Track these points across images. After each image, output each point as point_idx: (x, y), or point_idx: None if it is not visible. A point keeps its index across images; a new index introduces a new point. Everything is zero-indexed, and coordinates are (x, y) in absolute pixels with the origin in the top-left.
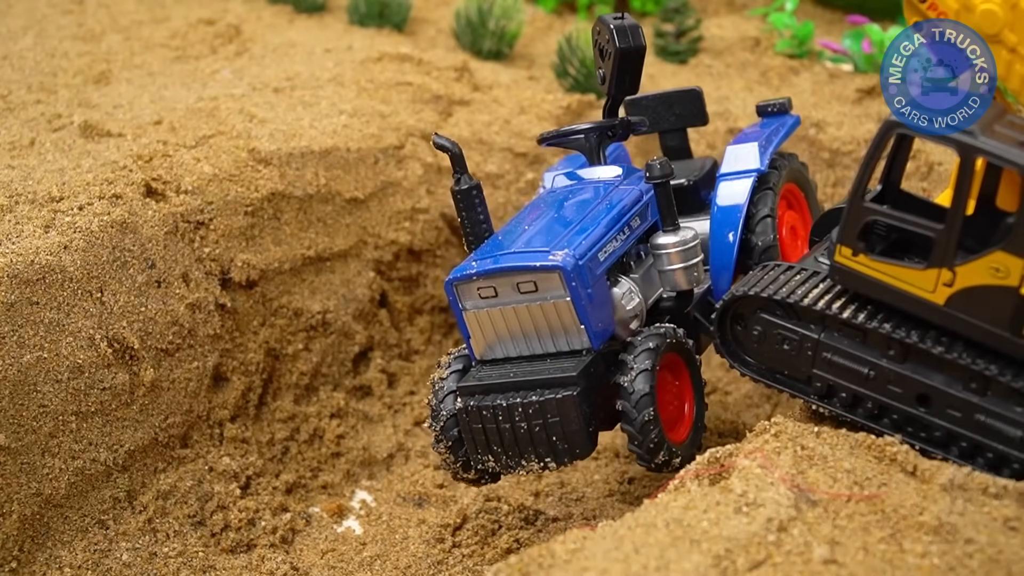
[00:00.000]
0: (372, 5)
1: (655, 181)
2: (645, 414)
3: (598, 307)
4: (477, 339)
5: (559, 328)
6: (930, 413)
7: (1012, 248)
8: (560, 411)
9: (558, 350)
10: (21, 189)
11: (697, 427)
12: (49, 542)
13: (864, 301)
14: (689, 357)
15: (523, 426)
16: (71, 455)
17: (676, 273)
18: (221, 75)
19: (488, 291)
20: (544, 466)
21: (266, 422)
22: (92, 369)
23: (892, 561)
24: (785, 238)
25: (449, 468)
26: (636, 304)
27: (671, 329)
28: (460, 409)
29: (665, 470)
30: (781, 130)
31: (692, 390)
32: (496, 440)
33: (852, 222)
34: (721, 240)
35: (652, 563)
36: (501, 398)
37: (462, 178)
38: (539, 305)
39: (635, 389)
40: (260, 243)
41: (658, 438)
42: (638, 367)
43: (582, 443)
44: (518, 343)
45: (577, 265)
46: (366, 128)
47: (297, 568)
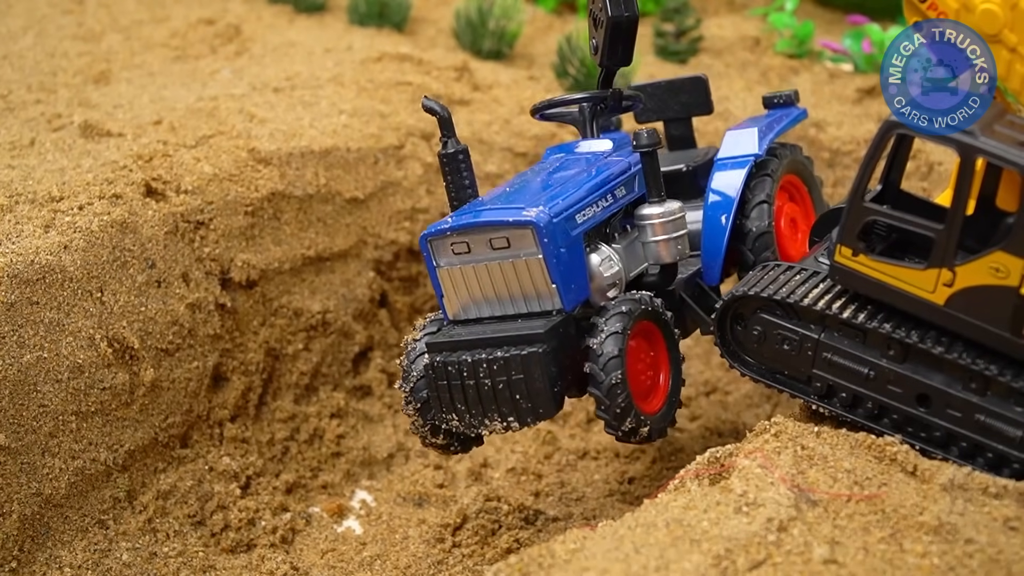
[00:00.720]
0: (372, 5)
1: (642, 150)
2: (612, 377)
3: (571, 268)
4: (450, 298)
5: (530, 287)
6: (930, 413)
7: (1012, 248)
8: (524, 368)
9: (530, 311)
10: (21, 189)
11: (672, 400)
12: (49, 542)
13: (864, 301)
14: (666, 328)
15: (487, 383)
16: (71, 455)
17: (659, 245)
18: (221, 75)
19: (461, 247)
20: (507, 426)
21: (266, 422)
22: (92, 369)
23: (892, 561)
24: (784, 229)
25: (418, 432)
26: (615, 272)
27: (647, 296)
28: (427, 365)
29: (633, 439)
30: (784, 120)
31: (668, 362)
32: (460, 398)
33: (852, 222)
34: (714, 223)
35: (652, 563)
36: (467, 354)
37: (449, 142)
38: (511, 262)
39: (603, 352)
40: (260, 243)
41: (625, 403)
42: (608, 330)
43: (546, 403)
44: (491, 303)
45: (551, 222)
46: (366, 128)
47: (297, 568)
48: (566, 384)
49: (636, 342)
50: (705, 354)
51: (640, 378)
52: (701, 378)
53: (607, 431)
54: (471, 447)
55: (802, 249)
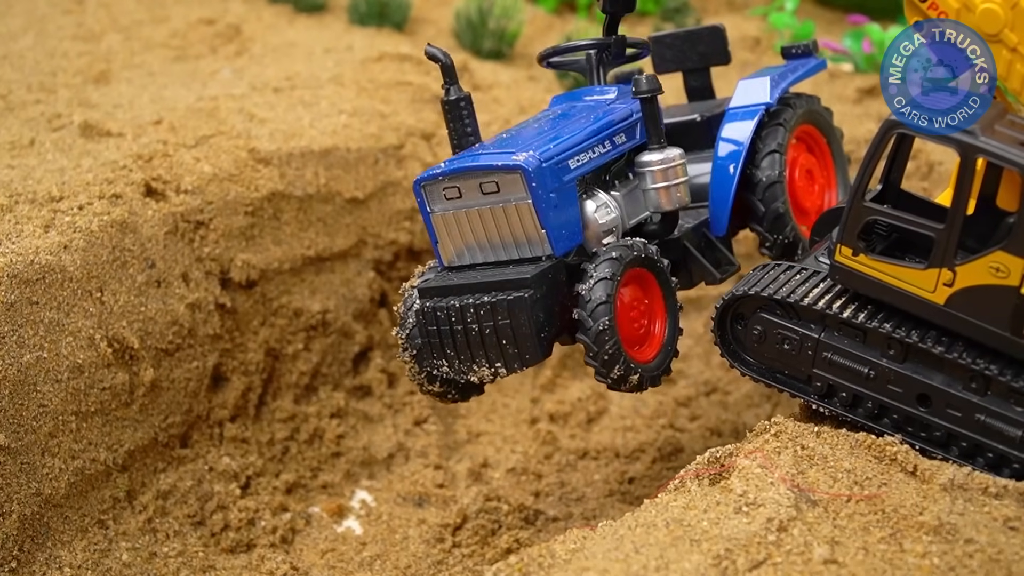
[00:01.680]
0: (372, 5)
1: (642, 96)
2: (600, 323)
3: (562, 213)
4: (444, 244)
5: (521, 233)
6: (930, 413)
7: (1013, 248)
8: (510, 314)
9: (521, 256)
10: (21, 189)
11: (667, 349)
12: (49, 542)
13: (864, 301)
14: (661, 275)
15: (474, 328)
16: (71, 455)
17: (659, 192)
18: (221, 75)
19: (453, 192)
20: (495, 372)
21: (266, 422)
22: (92, 369)
23: (892, 561)
24: (798, 180)
25: (415, 379)
26: (612, 219)
27: (640, 243)
28: (418, 310)
29: (623, 387)
30: (800, 69)
31: (664, 310)
32: (449, 342)
33: (852, 222)
34: (722, 172)
35: (652, 563)
36: (456, 300)
37: (451, 89)
38: (501, 207)
39: (591, 298)
40: (260, 243)
41: (614, 350)
42: (597, 275)
43: (532, 349)
44: (483, 249)
45: (540, 167)
46: (366, 128)
47: (297, 568)
48: (555, 330)
49: (629, 289)
50: (705, 354)
51: (633, 326)
52: (701, 378)
53: (597, 379)
54: (470, 395)
55: (818, 202)
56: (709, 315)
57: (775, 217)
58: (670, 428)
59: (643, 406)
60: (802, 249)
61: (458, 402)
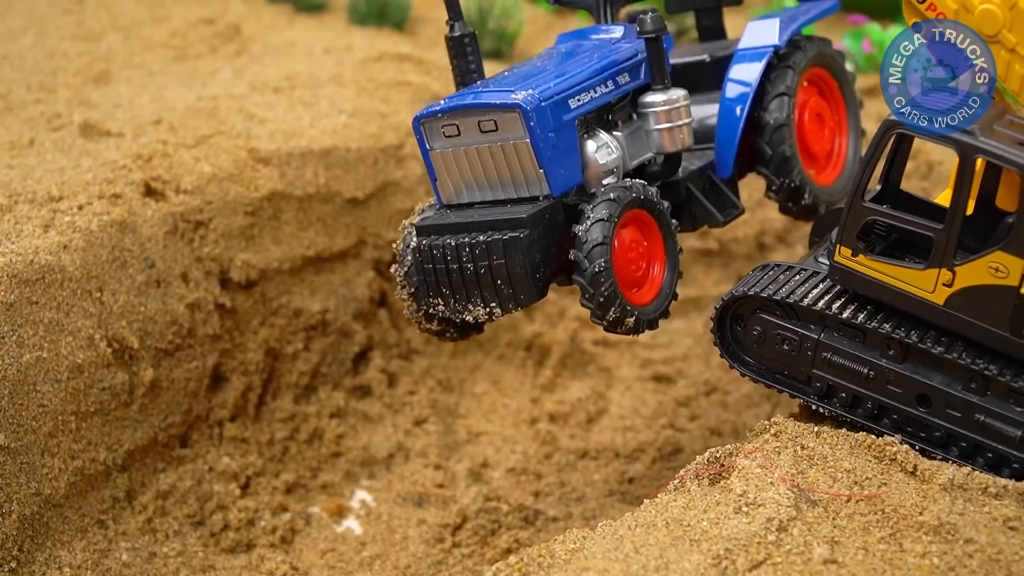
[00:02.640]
0: (372, 5)
1: (646, 35)
2: (596, 265)
3: (561, 153)
4: (443, 182)
5: (519, 172)
6: (930, 413)
7: (1012, 248)
8: (505, 254)
9: (519, 196)
10: (21, 189)
11: (665, 292)
12: (48, 542)
13: (864, 301)
14: (661, 217)
15: (469, 267)
16: (70, 455)
17: (662, 133)
18: (221, 75)
19: (452, 129)
20: (489, 312)
21: (266, 422)
22: (91, 369)
23: (892, 561)
24: (807, 124)
25: (412, 317)
26: (612, 160)
27: (639, 184)
28: (414, 248)
29: (619, 329)
30: (811, 11)
31: (664, 253)
32: (445, 281)
33: (852, 222)
34: (728, 114)
35: (652, 563)
36: (452, 238)
37: (456, 25)
38: (500, 146)
39: (588, 239)
40: (260, 243)
41: (609, 291)
42: (594, 216)
43: (527, 289)
44: (482, 187)
45: (538, 106)
46: (366, 128)
47: (297, 568)
48: (551, 271)
49: (628, 231)
50: (705, 354)
51: (630, 268)
52: (701, 378)
53: (592, 320)
54: (469, 334)
55: (828, 147)
56: (709, 315)
57: (782, 160)
58: (670, 428)
59: (643, 406)
60: (809, 194)
61: (456, 341)
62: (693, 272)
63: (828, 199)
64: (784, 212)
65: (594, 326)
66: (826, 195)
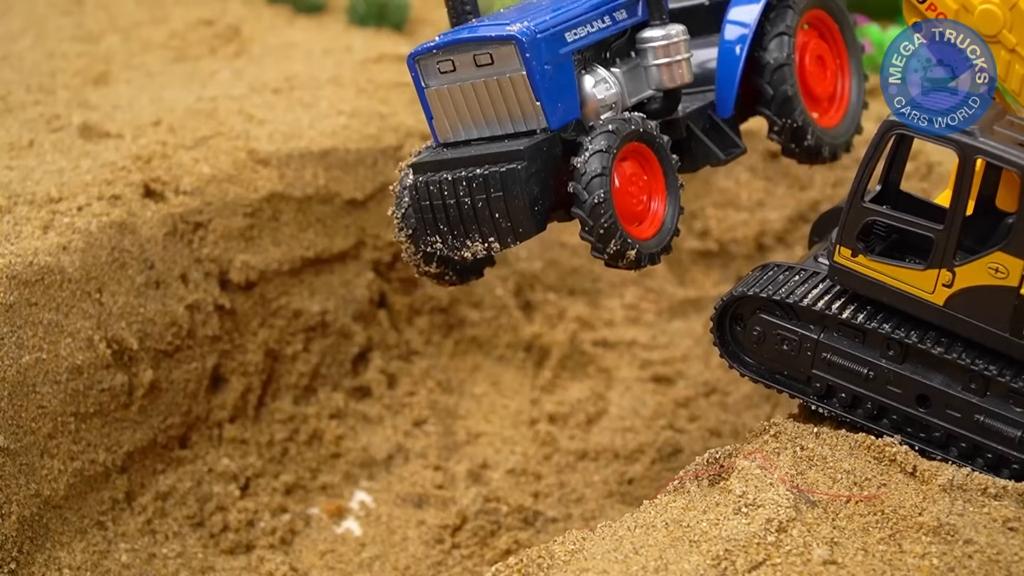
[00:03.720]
0: (371, 6)
1: None
2: (595, 196)
3: (557, 86)
4: (439, 120)
5: (516, 106)
6: (929, 414)
7: (1012, 249)
8: (504, 186)
9: (516, 131)
10: (20, 190)
11: (666, 227)
12: (48, 543)
13: (863, 302)
14: (661, 151)
15: (467, 201)
16: (70, 456)
17: (660, 69)
18: (220, 76)
19: (447, 65)
20: (488, 247)
21: (265, 423)
22: (91, 370)
23: (891, 562)
24: (808, 66)
25: (411, 260)
26: (611, 95)
27: (638, 117)
28: (410, 186)
29: (620, 263)
30: None
31: (664, 187)
32: (443, 218)
33: (851, 223)
34: (728, 54)
35: (651, 564)
36: (448, 173)
37: None
38: (496, 80)
39: (587, 170)
40: (259, 244)
41: (609, 223)
42: (593, 148)
43: (526, 222)
44: (478, 124)
45: (534, 38)
46: (365, 129)
47: (296, 569)
48: (549, 204)
49: (628, 164)
50: (705, 355)
51: (631, 201)
52: (700, 379)
53: (593, 255)
54: (468, 278)
55: (829, 89)
56: (708, 316)
57: (783, 100)
58: (669, 429)
59: (642, 407)
60: (812, 134)
61: (455, 284)
62: (692, 273)
63: (831, 141)
64: (787, 154)
65: (593, 326)
66: (829, 137)
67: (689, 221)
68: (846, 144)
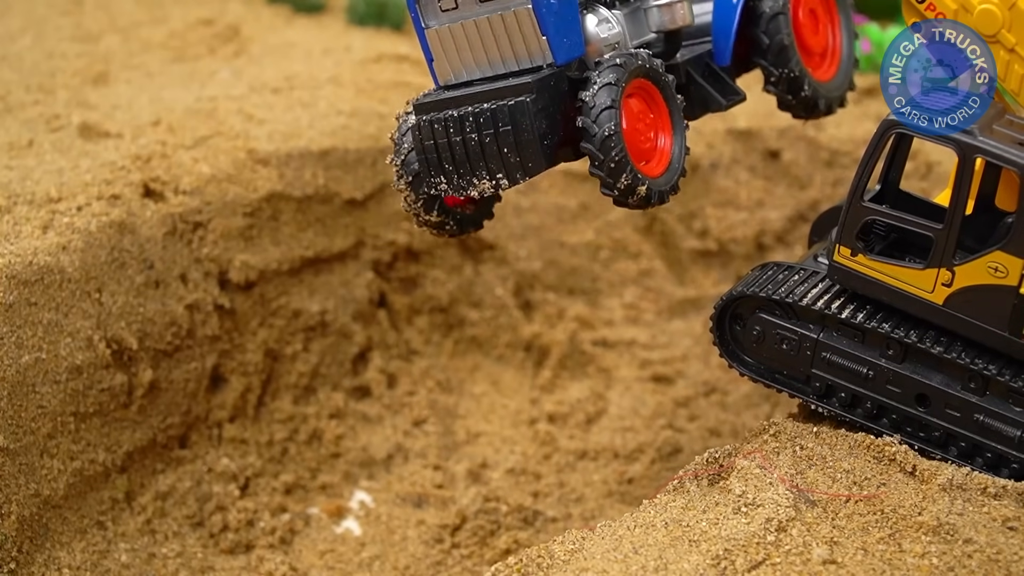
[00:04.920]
0: (371, 5)
1: None
2: (605, 129)
3: (563, 20)
4: (440, 61)
5: (520, 42)
6: (929, 413)
7: (1011, 248)
8: (512, 119)
9: (521, 68)
10: (19, 190)
11: (674, 167)
12: (48, 543)
13: (863, 301)
14: (666, 89)
15: (474, 137)
16: (70, 456)
17: (661, 9)
18: (220, 75)
19: (449, 3)
20: (496, 184)
21: (265, 423)
22: (91, 370)
23: (891, 561)
24: (803, 19)
25: (411, 209)
26: (614, 34)
27: (644, 53)
28: (413, 127)
29: (631, 200)
30: None
31: (671, 125)
32: (448, 157)
33: (851, 222)
34: (725, 3)
35: (651, 563)
36: (454, 110)
37: None
38: (500, 15)
39: (596, 103)
40: (259, 244)
41: (620, 156)
42: (602, 81)
43: (535, 156)
44: (481, 63)
45: None
46: (364, 128)
47: (296, 569)
48: (557, 140)
49: (635, 101)
50: (704, 355)
51: (639, 138)
52: (700, 379)
53: (603, 191)
54: (468, 228)
55: (822, 42)
56: (708, 316)
57: (779, 49)
58: (669, 428)
59: (642, 407)
60: (808, 85)
61: (455, 235)
62: (692, 272)
63: (827, 94)
64: (783, 107)
65: (593, 326)
66: (824, 90)
67: (688, 220)
68: (840, 99)
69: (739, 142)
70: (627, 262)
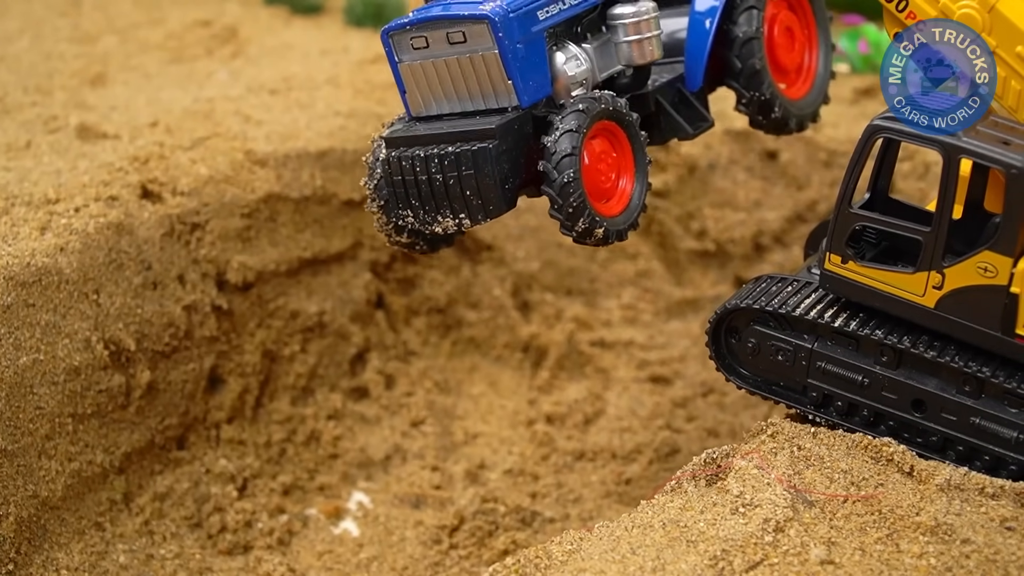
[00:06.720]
0: (368, 6)
1: None
2: (565, 175)
3: (529, 65)
4: (412, 94)
5: (488, 83)
6: (925, 418)
7: (1000, 247)
8: (475, 163)
9: (488, 107)
10: (17, 191)
11: (634, 204)
12: (46, 544)
13: (856, 309)
14: (630, 128)
15: (439, 178)
16: (68, 457)
17: (631, 45)
18: (217, 77)
19: (420, 41)
20: (459, 223)
21: (263, 424)
22: (88, 371)
23: (889, 562)
24: (777, 38)
25: (382, 230)
26: (582, 71)
27: (608, 96)
28: (383, 160)
29: (588, 240)
30: None
31: (633, 165)
32: (415, 193)
33: (840, 229)
34: (698, 27)
35: (649, 564)
36: (421, 150)
37: None
38: (468, 58)
39: (557, 149)
40: (256, 245)
41: (578, 202)
42: (563, 127)
43: (496, 200)
44: (450, 99)
45: (507, 17)
46: (362, 129)
47: (294, 570)
48: (520, 182)
49: (597, 142)
50: (702, 355)
51: (599, 178)
52: (698, 379)
53: (562, 232)
54: (438, 247)
55: (797, 59)
56: (706, 317)
57: (752, 73)
58: (667, 429)
59: (640, 407)
60: (779, 107)
61: (426, 253)
62: (690, 273)
63: (799, 112)
64: (755, 126)
65: (591, 327)
66: (796, 109)
67: (686, 221)
68: (812, 115)
69: (737, 143)
70: (625, 263)
